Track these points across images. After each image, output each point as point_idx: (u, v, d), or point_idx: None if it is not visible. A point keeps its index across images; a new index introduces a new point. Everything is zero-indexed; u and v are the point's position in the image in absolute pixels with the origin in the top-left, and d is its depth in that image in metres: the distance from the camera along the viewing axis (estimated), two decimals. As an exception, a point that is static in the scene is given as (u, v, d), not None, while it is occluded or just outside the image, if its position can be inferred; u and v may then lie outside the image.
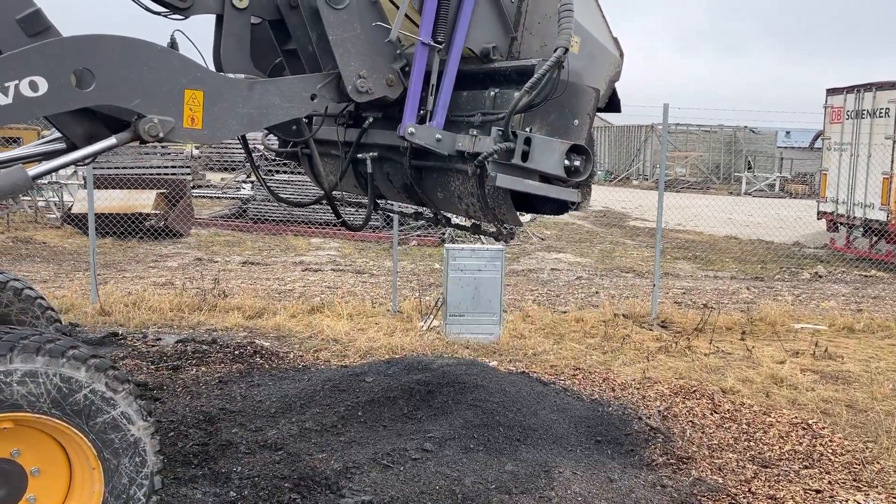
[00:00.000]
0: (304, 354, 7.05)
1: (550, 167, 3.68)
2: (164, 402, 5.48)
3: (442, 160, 3.98)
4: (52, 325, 4.49)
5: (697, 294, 11.82)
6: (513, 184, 3.65)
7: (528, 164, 3.63)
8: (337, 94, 3.96)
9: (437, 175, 4.19)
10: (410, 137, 3.78)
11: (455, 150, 3.80)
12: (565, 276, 13.22)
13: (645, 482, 4.62)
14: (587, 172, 3.78)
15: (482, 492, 4.20)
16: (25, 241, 14.96)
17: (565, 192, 3.80)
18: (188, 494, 4.15)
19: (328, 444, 4.79)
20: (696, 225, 21.46)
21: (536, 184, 3.71)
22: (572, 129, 3.83)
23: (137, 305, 8.50)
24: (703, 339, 8.32)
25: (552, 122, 3.80)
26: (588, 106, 3.85)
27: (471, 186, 3.90)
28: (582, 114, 3.84)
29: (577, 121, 3.84)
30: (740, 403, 6.39)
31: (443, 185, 4.17)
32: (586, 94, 3.84)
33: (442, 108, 3.88)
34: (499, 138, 3.61)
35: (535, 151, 3.65)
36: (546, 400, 5.67)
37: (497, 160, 3.61)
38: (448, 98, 3.89)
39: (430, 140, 3.80)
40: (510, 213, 3.87)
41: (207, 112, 3.57)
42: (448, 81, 3.89)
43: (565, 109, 3.82)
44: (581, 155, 3.76)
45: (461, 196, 4.05)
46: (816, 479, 5.00)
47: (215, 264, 13.48)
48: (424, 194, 4.32)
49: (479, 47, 4.02)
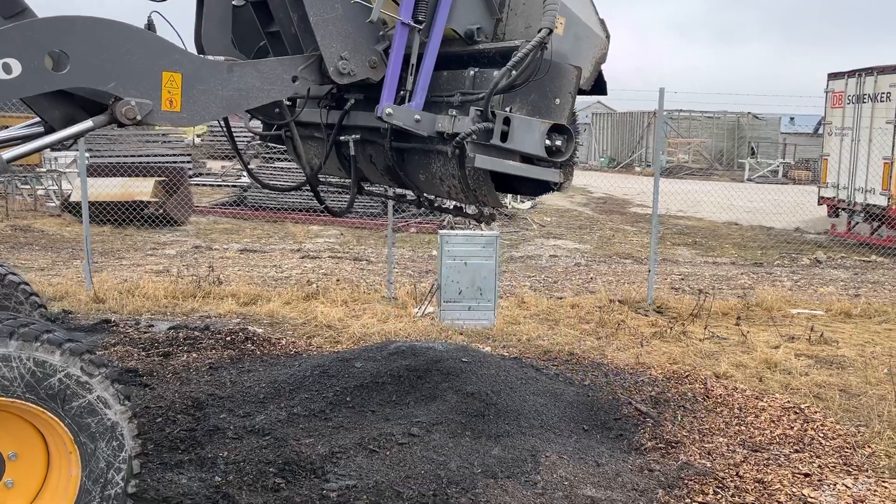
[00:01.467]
0: (296, 341, 7.04)
1: (531, 147, 3.65)
2: (153, 388, 5.47)
3: (423, 142, 3.95)
4: (37, 310, 4.47)
5: (696, 280, 11.78)
6: (492, 164, 3.61)
7: (508, 145, 3.59)
8: (318, 76, 3.92)
9: (419, 157, 4.15)
10: (388, 118, 3.74)
11: (435, 130, 3.77)
12: (563, 263, 13.19)
13: (633, 466, 4.60)
14: (569, 152, 3.74)
15: (467, 476, 4.19)
16: (24, 229, 14.97)
17: (547, 173, 3.77)
18: (174, 479, 4.15)
19: (316, 429, 4.78)
20: (696, 211, 21.39)
21: (516, 164, 3.67)
22: (553, 109, 3.78)
23: (132, 293, 8.50)
24: (698, 325, 8.29)
25: (533, 102, 3.76)
26: (570, 85, 3.80)
27: (451, 168, 3.87)
28: (563, 93, 3.80)
29: (559, 100, 3.79)
30: (733, 388, 6.36)
31: (424, 167, 4.13)
32: (567, 72, 3.79)
33: (421, 90, 3.83)
34: (477, 118, 3.57)
35: (515, 131, 3.61)
36: (537, 385, 5.66)
37: (476, 140, 3.57)
38: (428, 79, 3.85)
39: (409, 121, 3.76)
40: (491, 195, 3.84)
41: (186, 95, 3.54)
42: (428, 62, 3.84)
43: (546, 89, 3.78)
44: (562, 135, 3.72)
45: (443, 178, 4.02)
46: (806, 462, 4.98)
47: (213, 252, 13.47)
48: (407, 177, 4.29)
49: (463, 28, 3.97)
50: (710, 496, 4.33)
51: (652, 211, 9.83)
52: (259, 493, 3.98)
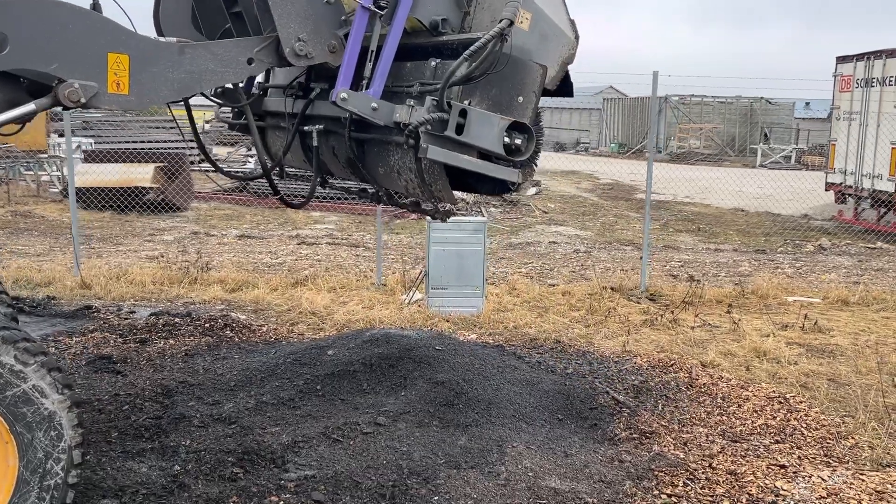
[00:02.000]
0: (278, 328, 6.98)
1: (488, 143, 3.54)
2: (125, 375, 5.44)
3: (382, 133, 3.86)
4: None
5: (695, 267, 11.63)
6: (445, 157, 3.51)
7: (463, 138, 3.49)
8: (276, 58, 3.82)
9: (378, 149, 4.06)
10: (342, 103, 3.64)
11: (392, 120, 3.66)
12: (562, 250, 13.06)
13: (603, 457, 4.52)
14: (528, 152, 3.64)
15: (430, 466, 4.12)
16: (25, 214, 15.01)
17: (503, 171, 3.66)
18: (133, 468, 4.10)
19: (283, 417, 4.72)
20: (704, 198, 21.16)
21: (470, 159, 3.56)
22: (515, 106, 3.69)
23: (120, 279, 8.47)
24: (691, 313, 8.16)
25: (494, 98, 3.67)
26: (534, 84, 3.71)
27: (408, 161, 3.78)
28: (527, 91, 3.71)
29: (522, 98, 3.70)
30: (718, 377, 6.25)
31: (383, 159, 4.04)
32: (532, 70, 3.70)
33: (380, 77, 3.73)
34: (432, 108, 3.47)
35: (472, 125, 3.51)
36: (514, 374, 5.57)
37: (431, 132, 3.47)
38: (387, 67, 3.75)
39: (365, 108, 3.66)
40: (446, 191, 3.74)
41: (134, 77, 3.45)
42: (389, 49, 3.74)
43: (509, 85, 3.68)
44: (523, 133, 3.62)
45: (400, 171, 3.93)
46: (786, 454, 4.87)
47: (211, 238, 13.46)
48: (366, 169, 4.20)
49: (428, 19, 3.87)
50: (680, 488, 4.24)
51: (645, 196, 9.67)
52: (216, 482, 3.92)
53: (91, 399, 4.98)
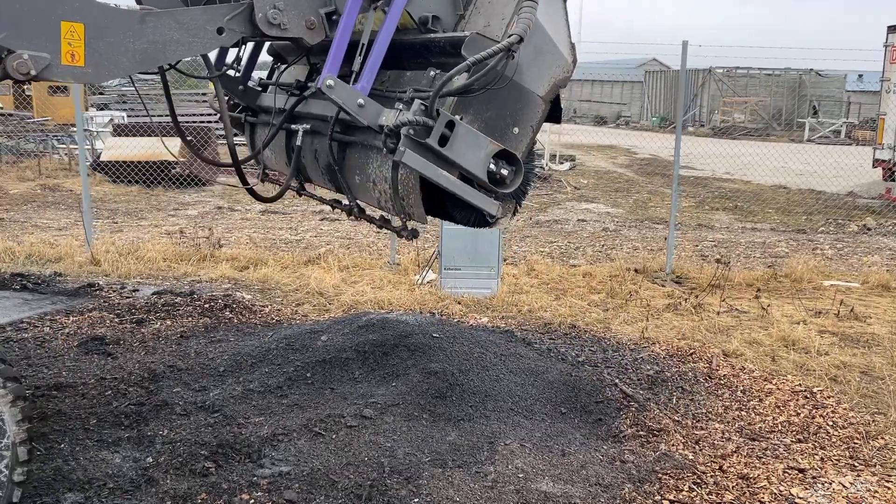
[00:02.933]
0: (282, 308, 6.78)
1: (471, 164, 3.24)
2: (115, 358, 5.29)
3: (365, 136, 3.60)
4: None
5: (728, 247, 11.13)
6: (422, 166, 3.20)
7: (446, 152, 3.19)
8: (249, 27, 3.53)
9: (359, 154, 3.79)
10: (328, 91, 3.36)
11: (378, 123, 3.38)
12: (591, 228, 12.65)
13: (604, 456, 4.21)
14: (513, 186, 3.34)
15: (413, 464, 3.87)
16: (54, 188, 15.10)
17: (482, 200, 3.37)
18: (106, 459, 3.93)
19: (268, 406, 4.51)
20: (745, 174, 20.43)
21: (448, 176, 3.26)
22: (510, 136, 3.42)
23: (130, 255, 8.36)
24: (717, 297, 7.74)
25: (488, 120, 3.39)
26: (533, 118, 3.46)
27: (385, 170, 3.50)
28: (524, 124, 3.45)
29: (518, 129, 3.44)
30: (740, 368, 5.88)
31: (361, 166, 3.78)
32: (534, 104, 3.44)
33: (369, 73, 3.45)
34: (419, 111, 3.18)
35: (457, 140, 3.21)
36: (519, 362, 5.28)
37: (412, 136, 3.18)
38: (378, 62, 3.46)
39: (351, 103, 3.38)
40: (417, 207, 3.45)
41: (90, 47, 3.20)
42: (381, 43, 3.45)
43: (507, 112, 3.41)
44: (511, 165, 3.30)
45: (376, 181, 3.66)
46: (808, 455, 4.51)
47: (235, 213, 13.36)
48: (342, 176, 3.93)
49: (419, 14, 3.57)
50: (684, 493, 3.92)
51: (673, 173, 9.20)
52: (186, 477, 3.73)
53: (76, 383, 4.84)
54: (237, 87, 4.70)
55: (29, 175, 16.62)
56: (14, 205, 13.46)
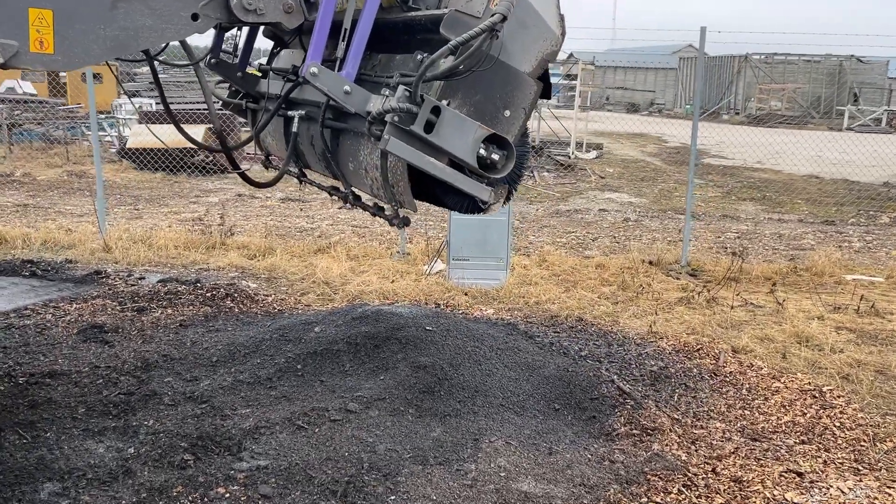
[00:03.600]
0: (286, 298, 6.75)
1: (459, 150, 3.14)
2: (112, 346, 5.30)
3: (355, 123, 3.53)
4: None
5: (752, 239, 10.85)
6: (407, 154, 3.11)
7: (432, 138, 3.10)
8: (224, 13, 3.47)
9: (351, 141, 3.72)
10: (312, 79, 3.29)
11: (365, 109, 3.31)
12: (612, 218, 12.44)
13: (593, 455, 4.10)
14: (505, 170, 3.23)
15: (393, 461, 3.80)
16: (80, 174, 15.30)
17: (472, 185, 3.26)
18: (90, 448, 3.93)
19: (256, 398, 4.48)
20: (776, 163, 19.97)
21: (434, 162, 3.16)
22: (501, 119, 3.31)
23: (143, 243, 8.41)
24: (733, 291, 7.54)
25: (477, 104, 3.28)
26: (525, 99, 3.34)
27: (375, 157, 3.42)
28: (516, 106, 3.34)
29: (509, 112, 3.32)
30: (748, 365, 5.70)
31: (353, 153, 3.70)
32: (526, 85, 3.32)
33: (354, 58, 3.37)
34: (403, 98, 3.08)
35: (443, 126, 3.11)
36: (516, 357, 5.18)
37: (397, 123, 3.09)
38: (362, 45, 3.38)
39: (337, 90, 3.31)
40: (406, 195, 3.36)
41: (59, 35, 3.16)
42: (364, 24, 3.36)
43: (496, 94, 3.30)
44: (502, 149, 3.19)
45: (367, 168, 3.58)
46: (809, 457, 4.35)
47: (255, 200, 13.41)
48: (336, 163, 3.87)
49: None
50: (672, 495, 3.80)
51: (690, 161, 8.98)
52: (164, 469, 3.71)
53: (70, 371, 4.86)
54: (235, 73, 4.65)
55: (57, 161, 16.87)
56: (40, 191, 13.67)
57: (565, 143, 20.26)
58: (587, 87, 25.33)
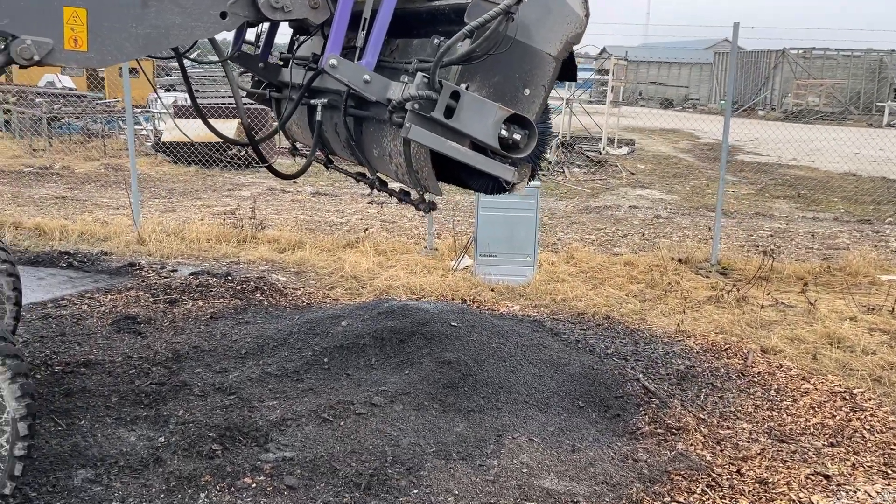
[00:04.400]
0: (314, 292, 6.83)
1: (480, 133, 3.15)
2: (144, 337, 5.42)
3: (377, 111, 3.56)
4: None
5: (785, 238, 10.70)
6: (430, 141, 3.14)
7: (453, 123, 3.11)
8: (252, 11, 3.52)
9: (374, 129, 3.75)
10: (332, 70, 3.32)
11: (386, 97, 3.33)
12: (642, 215, 12.35)
13: (616, 454, 4.10)
14: (527, 150, 3.23)
15: (417, 455, 3.84)
16: (116, 168, 15.58)
17: (495, 167, 3.26)
18: (122, 436, 4.04)
19: (283, 390, 4.55)
20: (813, 160, 19.64)
21: (456, 146, 3.18)
22: (520, 99, 3.29)
23: (176, 235, 8.56)
24: (763, 290, 7.45)
25: (496, 85, 3.27)
26: (544, 77, 3.30)
27: (398, 144, 3.45)
28: (535, 84, 3.31)
29: (528, 91, 3.30)
30: (777, 365, 5.65)
31: (377, 140, 3.74)
32: (544, 62, 3.29)
33: (373, 47, 3.39)
34: (422, 85, 3.11)
35: (463, 110, 3.12)
36: (541, 353, 5.18)
37: (417, 111, 3.12)
38: (382, 36, 3.40)
39: (356, 80, 3.34)
40: (430, 180, 3.38)
41: (93, 32, 3.23)
42: (384, 15, 3.38)
43: (515, 74, 3.28)
44: (524, 129, 3.20)
45: (391, 155, 3.61)
46: (838, 460, 4.30)
47: (287, 194, 13.54)
48: (361, 150, 3.90)
49: None
50: (696, 495, 3.79)
51: (721, 156, 8.87)
52: (192, 458, 3.79)
53: (104, 361, 4.98)
54: (257, 64, 4.69)
55: (95, 155, 17.20)
56: (78, 183, 13.95)
57: (596, 139, 20.13)
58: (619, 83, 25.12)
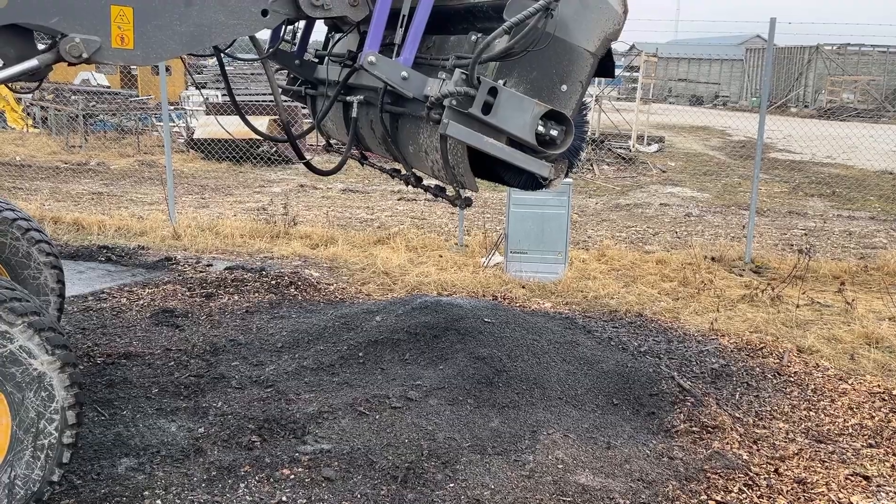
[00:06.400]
0: (347, 287, 6.89)
1: (517, 129, 3.17)
2: (182, 330, 5.51)
3: (414, 107, 3.59)
4: (35, 245, 4.48)
5: (820, 237, 10.55)
6: (467, 136, 3.16)
7: (490, 119, 3.14)
8: (293, 8, 3.57)
9: (410, 125, 3.78)
10: (370, 67, 3.36)
11: (423, 93, 3.37)
12: (673, 213, 12.26)
13: (651, 451, 4.09)
14: (564, 146, 3.24)
15: (452, 449, 3.86)
16: (150, 164, 15.81)
17: (532, 163, 3.28)
18: (163, 426, 4.11)
19: (319, 384, 4.60)
20: (848, 158, 19.32)
21: (494, 142, 3.19)
22: (558, 95, 3.30)
23: (211, 231, 8.67)
24: (798, 289, 7.36)
25: (534, 81, 3.29)
26: (581, 72, 3.32)
27: (435, 140, 3.47)
28: (573, 80, 3.32)
29: (566, 87, 3.31)
30: (814, 365, 5.58)
31: (413, 136, 3.76)
32: (582, 58, 3.30)
33: (411, 44, 3.42)
34: (461, 81, 3.13)
35: (501, 107, 3.14)
36: (574, 350, 5.18)
37: (455, 107, 3.14)
38: (420, 33, 3.43)
39: (394, 76, 3.37)
40: (467, 175, 3.40)
41: (139, 30, 3.30)
42: (422, 12, 3.41)
43: (552, 70, 3.29)
44: (561, 124, 3.21)
45: (428, 151, 3.63)
46: (877, 461, 4.25)
47: (317, 191, 13.65)
48: (397, 146, 3.93)
49: None
50: (733, 494, 3.76)
51: (756, 154, 8.79)
52: (232, 449, 3.85)
53: (144, 353, 5.07)
54: (293, 61, 4.76)
55: (129, 151, 17.47)
56: (114, 179, 14.19)
57: (626, 136, 20.00)
58: (649, 79, 24.92)
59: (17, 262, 4.53)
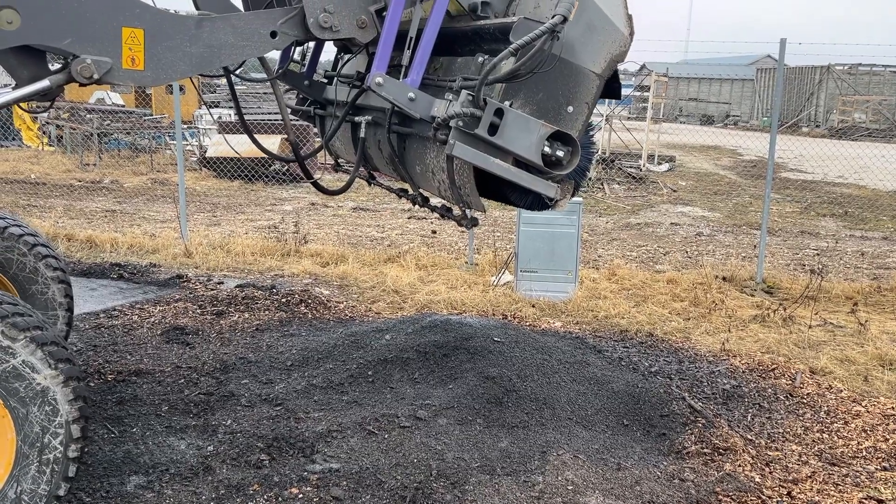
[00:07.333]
0: (357, 305, 6.89)
1: (523, 149, 3.19)
2: (193, 347, 5.52)
3: (421, 128, 3.62)
4: (42, 260, 4.51)
5: (832, 257, 10.49)
6: (473, 157, 3.18)
7: (497, 140, 3.16)
8: (302, 30, 3.61)
9: (417, 145, 3.81)
10: (377, 88, 3.39)
11: (430, 114, 3.39)
12: (684, 232, 12.22)
13: (662, 473, 4.05)
14: (570, 166, 3.26)
15: (461, 469, 3.84)
16: (163, 182, 15.93)
17: (538, 183, 3.30)
18: (172, 444, 4.11)
19: (328, 402, 4.60)
20: (860, 178, 19.22)
21: (500, 163, 3.22)
22: (564, 116, 3.33)
23: (222, 249, 8.71)
24: (811, 310, 7.31)
25: (540, 102, 3.32)
26: (588, 94, 3.35)
27: (441, 160, 3.49)
28: (579, 101, 3.35)
29: (572, 108, 3.35)
30: (827, 387, 5.53)
31: (420, 157, 3.79)
32: (588, 80, 3.33)
33: (419, 66, 3.45)
34: (467, 103, 3.16)
35: (507, 127, 3.17)
36: (585, 370, 5.15)
37: (462, 128, 3.16)
38: (427, 54, 3.47)
39: (402, 97, 3.40)
40: (473, 196, 3.42)
41: (149, 52, 3.35)
42: (429, 35, 3.45)
43: (559, 91, 3.33)
44: (567, 145, 3.23)
45: (434, 171, 3.66)
46: (892, 484, 4.20)
47: (328, 209, 13.70)
48: (404, 166, 3.96)
49: (467, 1, 3.55)
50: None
51: (767, 174, 8.77)
52: (241, 468, 3.85)
53: (154, 370, 5.08)
54: (302, 82, 4.80)
55: (142, 169, 17.62)
56: (127, 197, 14.30)
57: (636, 156, 20.00)
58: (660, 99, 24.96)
59: (24, 278, 4.56)
